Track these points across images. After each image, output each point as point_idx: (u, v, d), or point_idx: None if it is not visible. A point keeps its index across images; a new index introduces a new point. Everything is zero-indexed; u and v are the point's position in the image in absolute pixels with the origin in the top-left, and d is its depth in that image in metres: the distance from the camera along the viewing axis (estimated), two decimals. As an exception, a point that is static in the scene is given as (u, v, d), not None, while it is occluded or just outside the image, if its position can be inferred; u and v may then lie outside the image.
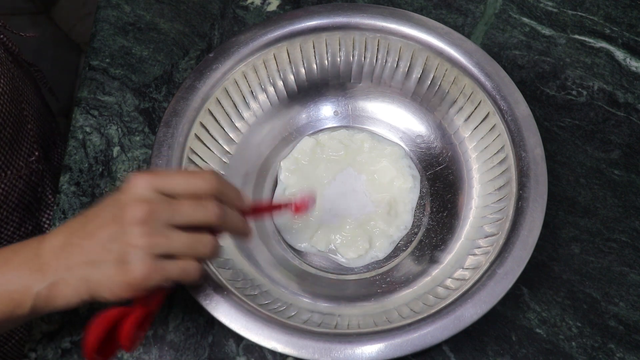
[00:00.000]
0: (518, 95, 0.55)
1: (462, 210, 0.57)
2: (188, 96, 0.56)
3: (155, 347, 0.54)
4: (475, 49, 0.57)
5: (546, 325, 0.54)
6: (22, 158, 0.61)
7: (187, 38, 0.68)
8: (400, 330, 0.46)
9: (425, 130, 0.62)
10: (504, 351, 0.53)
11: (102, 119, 0.64)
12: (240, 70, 0.58)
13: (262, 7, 0.70)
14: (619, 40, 0.66)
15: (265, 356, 0.53)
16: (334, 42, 0.60)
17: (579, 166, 0.60)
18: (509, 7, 0.69)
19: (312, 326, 0.48)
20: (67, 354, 0.54)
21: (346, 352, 0.45)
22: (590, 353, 0.53)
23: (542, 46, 0.66)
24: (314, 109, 0.63)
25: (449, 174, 0.60)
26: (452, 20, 0.68)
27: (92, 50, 0.68)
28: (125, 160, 0.62)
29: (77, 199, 0.60)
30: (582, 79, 0.65)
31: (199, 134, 0.56)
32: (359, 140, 0.61)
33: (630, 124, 0.62)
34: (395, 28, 0.58)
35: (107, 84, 0.66)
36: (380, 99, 0.63)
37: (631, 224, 0.58)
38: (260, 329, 0.46)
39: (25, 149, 0.62)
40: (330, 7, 0.59)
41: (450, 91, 0.59)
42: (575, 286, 0.55)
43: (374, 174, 0.60)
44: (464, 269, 0.52)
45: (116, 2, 0.70)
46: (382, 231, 0.58)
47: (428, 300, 0.50)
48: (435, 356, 0.53)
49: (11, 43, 0.63)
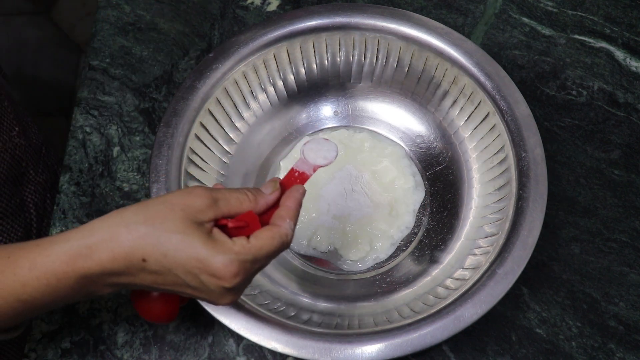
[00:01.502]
0: (518, 95, 0.55)
1: (462, 210, 0.57)
2: (188, 96, 0.56)
3: (155, 347, 0.54)
4: (475, 49, 0.57)
5: (546, 325, 0.54)
6: (5, 132, 0.63)
7: (187, 38, 0.68)
8: (400, 330, 0.46)
9: (425, 130, 0.62)
10: (504, 351, 0.53)
11: (102, 119, 0.64)
12: (240, 70, 0.58)
13: (262, 7, 0.70)
14: (619, 40, 0.66)
15: (265, 356, 0.53)
16: (334, 42, 0.60)
17: (579, 166, 0.60)
18: (509, 7, 0.69)
19: (312, 326, 0.48)
20: (67, 354, 0.54)
21: (346, 352, 0.45)
22: (590, 353, 0.53)
23: (542, 46, 0.66)
24: (314, 109, 0.63)
25: (449, 174, 0.60)
26: (452, 20, 0.68)
27: (92, 50, 0.68)
28: (125, 160, 0.62)
29: (77, 199, 0.60)
30: (582, 79, 0.65)
31: (199, 134, 0.56)
32: (360, 139, 0.61)
33: (630, 124, 0.62)
34: (395, 28, 0.58)
35: (107, 84, 0.66)
36: (380, 99, 0.63)
37: (631, 224, 0.58)
38: (260, 329, 0.46)
39: (6, 125, 0.63)
40: (330, 7, 0.59)
41: (450, 91, 0.59)
42: (575, 286, 0.55)
43: (374, 174, 0.60)
44: (464, 269, 0.52)
45: (116, 2, 0.70)
46: (383, 232, 0.58)
47: (428, 300, 0.50)
48: (435, 356, 0.53)
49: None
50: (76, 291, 0.39)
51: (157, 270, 0.38)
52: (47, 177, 0.71)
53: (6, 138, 0.63)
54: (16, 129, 0.65)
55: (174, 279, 0.39)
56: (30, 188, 0.67)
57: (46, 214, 0.69)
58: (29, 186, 0.67)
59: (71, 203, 0.60)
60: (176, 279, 0.39)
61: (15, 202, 0.64)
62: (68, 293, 0.39)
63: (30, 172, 0.68)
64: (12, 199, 0.64)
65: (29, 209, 0.66)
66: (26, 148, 0.67)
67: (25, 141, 0.67)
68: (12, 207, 0.63)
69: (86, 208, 0.60)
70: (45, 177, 0.70)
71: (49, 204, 0.70)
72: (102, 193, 0.60)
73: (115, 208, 0.59)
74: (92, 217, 0.59)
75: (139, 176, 0.61)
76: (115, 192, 0.60)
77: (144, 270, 0.38)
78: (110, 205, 0.60)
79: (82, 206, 0.60)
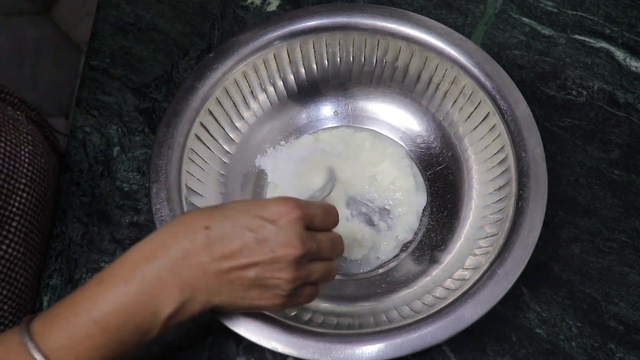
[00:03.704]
0: (518, 95, 0.55)
1: (462, 210, 0.57)
2: (188, 96, 0.56)
3: (156, 347, 0.53)
4: (475, 49, 0.57)
5: (546, 325, 0.54)
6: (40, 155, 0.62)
7: (187, 38, 0.68)
8: (400, 330, 0.46)
9: (425, 130, 0.62)
10: (504, 351, 0.53)
11: (102, 119, 0.64)
12: (240, 70, 0.58)
13: (262, 7, 0.70)
14: (619, 40, 0.66)
15: (265, 356, 0.53)
16: (334, 42, 0.60)
17: (579, 166, 0.60)
18: (509, 7, 0.69)
19: (312, 326, 0.48)
20: (67, 354, 0.53)
21: (346, 352, 0.45)
22: (590, 353, 0.53)
23: (542, 46, 0.66)
24: (314, 109, 0.63)
25: (449, 174, 0.60)
26: (452, 20, 0.68)
27: (92, 50, 0.68)
28: (125, 160, 0.62)
29: (77, 199, 0.60)
30: (582, 79, 0.65)
31: (199, 134, 0.56)
32: (360, 138, 0.61)
33: (630, 124, 0.62)
34: (395, 28, 0.58)
35: (107, 84, 0.66)
36: (380, 99, 0.63)
37: (631, 224, 0.58)
38: (260, 329, 0.46)
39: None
40: (330, 7, 0.59)
41: (450, 91, 0.59)
42: (575, 286, 0.55)
43: (374, 177, 0.60)
44: (464, 269, 0.52)
45: (116, 2, 0.70)
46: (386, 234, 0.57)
47: (428, 300, 0.50)
48: (435, 356, 0.53)
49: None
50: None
51: (221, 235, 0.40)
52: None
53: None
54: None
55: (239, 244, 0.40)
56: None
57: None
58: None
59: (71, 203, 0.60)
60: (242, 243, 0.40)
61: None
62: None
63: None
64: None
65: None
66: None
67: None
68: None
69: (86, 208, 0.60)
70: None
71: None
72: (102, 193, 0.60)
73: (115, 208, 0.59)
74: (92, 217, 0.59)
75: (139, 176, 0.61)
76: (115, 192, 0.60)
77: (208, 239, 0.39)
78: (110, 205, 0.60)
79: (82, 206, 0.60)
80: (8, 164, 0.50)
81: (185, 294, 0.40)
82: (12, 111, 0.56)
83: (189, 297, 0.40)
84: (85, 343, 0.38)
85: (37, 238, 0.55)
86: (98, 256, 0.58)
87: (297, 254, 0.40)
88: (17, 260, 0.52)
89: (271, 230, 0.40)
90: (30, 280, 0.55)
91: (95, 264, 0.57)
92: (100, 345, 0.39)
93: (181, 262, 0.39)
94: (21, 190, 0.52)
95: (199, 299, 0.41)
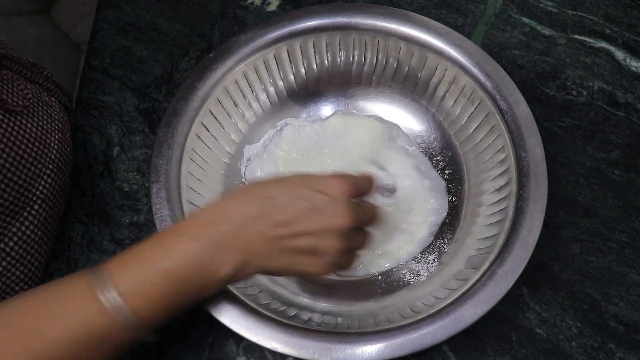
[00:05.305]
0: (518, 95, 0.55)
1: (462, 210, 0.57)
2: (188, 96, 0.56)
3: (156, 347, 0.53)
4: (475, 49, 0.57)
5: (546, 325, 0.54)
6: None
7: (187, 38, 0.68)
8: (400, 330, 0.46)
9: (425, 130, 0.62)
10: (504, 351, 0.53)
11: (102, 119, 0.64)
12: (241, 70, 0.58)
13: (262, 7, 0.70)
14: (619, 40, 0.66)
15: (265, 356, 0.53)
16: (334, 42, 0.60)
17: (579, 166, 0.60)
18: (509, 7, 0.69)
19: (312, 326, 0.48)
20: (67, 354, 0.53)
21: (346, 352, 0.45)
22: (590, 353, 0.53)
23: (542, 46, 0.66)
24: (314, 109, 0.63)
25: (449, 174, 0.60)
26: (452, 20, 0.68)
27: (92, 50, 0.68)
28: (125, 160, 0.62)
29: (77, 199, 0.60)
30: (582, 79, 0.65)
31: (199, 134, 0.56)
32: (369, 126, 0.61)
33: (630, 124, 0.62)
34: (395, 28, 0.58)
35: (107, 84, 0.66)
36: (380, 99, 0.63)
37: (631, 224, 0.58)
38: (260, 329, 0.46)
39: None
40: (330, 7, 0.59)
41: (450, 91, 0.59)
42: (575, 286, 0.55)
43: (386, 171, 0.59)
44: (464, 269, 0.52)
45: (116, 2, 0.70)
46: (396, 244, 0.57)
47: (428, 300, 0.50)
48: (435, 356, 0.53)
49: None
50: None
51: (280, 205, 0.42)
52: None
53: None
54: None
55: (295, 214, 0.42)
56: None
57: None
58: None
59: (71, 203, 0.60)
60: (298, 213, 0.42)
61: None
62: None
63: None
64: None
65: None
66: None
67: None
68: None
69: (86, 208, 0.60)
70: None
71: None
72: (102, 193, 0.60)
73: (115, 208, 0.59)
74: (92, 217, 0.59)
75: (139, 176, 0.61)
76: (115, 192, 0.60)
77: (267, 208, 0.42)
78: (110, 205, 0.60)
79: (82, 206, 0.60)
80: (38, 148, 0.52)
81: (243, 258, 0.42)
82: (47, 97, 0.57)
83: (246, 260, 0.43)
84: (156, 289, 0.41)
85: (54, 224, 0.56)
86: (98, 256, 0.58)
87: (347, 225, 0.43)
88: (33, 244, 0.53)
89: (325, 202, 0.43)
90: (43, 265, 0.55)
91: (95, 264, 0.57)
92: (168, 294, 0.41)
93: (242, 227, 0.42)
94: (47, 176, 0.53)
95: (255, 262, 0.43)
